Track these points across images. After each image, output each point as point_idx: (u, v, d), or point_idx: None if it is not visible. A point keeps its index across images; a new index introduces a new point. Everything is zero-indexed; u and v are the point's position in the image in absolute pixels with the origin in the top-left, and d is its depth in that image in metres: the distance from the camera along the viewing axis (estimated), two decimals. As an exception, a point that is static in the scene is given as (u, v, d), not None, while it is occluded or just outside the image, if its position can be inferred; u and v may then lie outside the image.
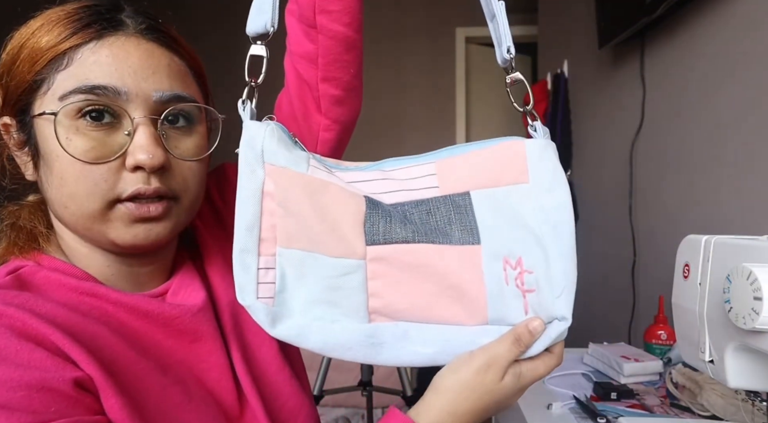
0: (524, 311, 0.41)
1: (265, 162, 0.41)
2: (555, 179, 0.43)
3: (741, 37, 1.06)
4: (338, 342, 0.40)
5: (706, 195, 1.19)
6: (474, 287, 0.41)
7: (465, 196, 0.43)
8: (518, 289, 0.41)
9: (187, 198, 0.47)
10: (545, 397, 0.89)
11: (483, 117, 3.56)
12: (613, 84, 1.73)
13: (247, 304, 0.39)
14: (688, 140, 1.27)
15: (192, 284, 0.50)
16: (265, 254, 0.40)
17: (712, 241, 0.47)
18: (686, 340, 0.51)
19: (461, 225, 0.42)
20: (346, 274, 0.40)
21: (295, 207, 0.41)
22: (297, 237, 0.40)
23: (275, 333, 0.40)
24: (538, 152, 0.44)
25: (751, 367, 0.44)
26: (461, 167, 0.44)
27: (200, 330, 0.47)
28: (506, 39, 0.48)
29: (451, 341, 0.41)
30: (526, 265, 0.41)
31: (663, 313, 1.08)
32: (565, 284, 0.41)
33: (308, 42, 0.51)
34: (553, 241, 0.41)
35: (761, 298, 0.37)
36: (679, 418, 0.80)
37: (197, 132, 0.48)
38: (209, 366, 0.47)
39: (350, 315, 0.40)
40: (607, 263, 1.80)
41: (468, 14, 3.36)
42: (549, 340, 0.42)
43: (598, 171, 1.88)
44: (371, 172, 0.46)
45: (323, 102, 0.54)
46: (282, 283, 0.40)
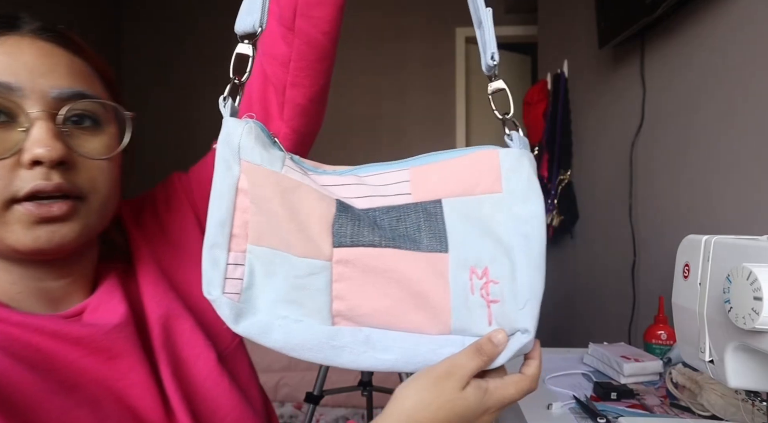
0: (488, 322, 0.41)
1: (241, 159, 0.41)
2: (529, 189, 0.43)
3: (741, 36, 1.06)
4: (299, 342, 0.40)
5: (706, 195, 1.19)
6: (439, 295, 0.41)
7: (436, 204, 0.43)
8: (483, 299, 0.41)
9: (96, 199, 0.44)
10: (545, 397, 0.89)
11: (483, 117, 3.56)
12: (613, 84, 1.73)
13: (213, 298, 0.40)
14: (688, 140, 1.27)
15: (112, 300, 0.47)
16: (235, 250, 0.40)
17: (712, 241, 0.47)
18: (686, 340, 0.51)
19: (430, 232, 0.42)
20: (312, 275, 0.41)
21: (266, 204, 0.41)
22: (267, 235, 0.41)
23: (238, 329, 0.40)
24: (512, 162, 0.44)
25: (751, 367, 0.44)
26: (435, 175, 0.44)
27: (116, 347, 0.45)
28: (491, 45, 0.48)
29: (413, 349, 0.41)
30: (492, 276, 0.41)
31: (663, 313, 1.08)
32: (529, 296, 0.41)
33: (283, 44, 0.51)
34: (522, 252, 0.41)
35: (761, 298, 0.37)
36: (679, 418, 0.80)
37: (106, 132, 0.46)
38: (130, 383, 0.45)
39: (314, 316, 0.40)
40: (607, 263, 1.80)
41: (468, 14, 3.33)
42: (511, 352, 0.41)
43: (598, 171, 1.88)
44: (346, 176, 0.46)
45: (287, 109, 0.53)
46: (250, 279, 0.40)
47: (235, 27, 0.44)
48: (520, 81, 3.73)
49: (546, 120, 2.30)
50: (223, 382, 0.50)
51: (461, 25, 3.37)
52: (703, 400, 0.77)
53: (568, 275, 2.25)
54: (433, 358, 0.40)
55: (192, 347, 0.50)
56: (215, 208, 0.40)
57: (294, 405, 2.21)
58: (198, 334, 0.50)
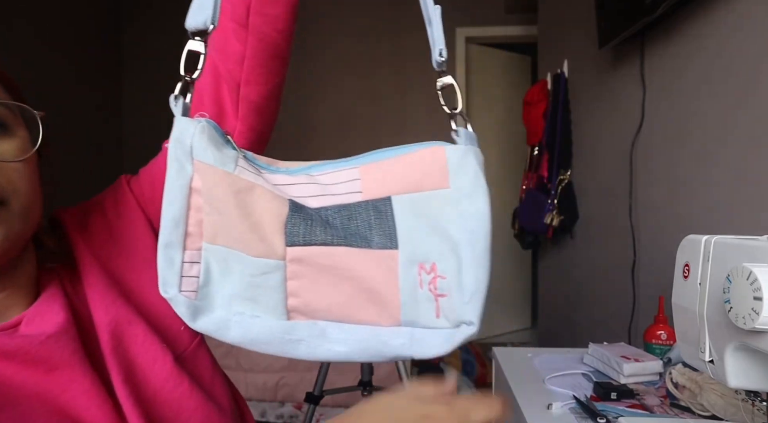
0: (436, 314, 0.42)
1: (194, 159, 0.42)
2: (476, 186, 0.43)
3: (741, 36, 1.06)
4: (257, 337, 0.41)
5: (706, 195, 1.19)
6: (389, 290, 0.42)
7: (386, 202, 0.44)
8: (431, 293, 0.42)
9: (18, 202, 0.43)
10: (545, 397, 0.89)
11: (483, 117, 3.56)
12: (613, 84, 1.73)
13: (170, 296, 0.40)
14: (688, 140, 1.27)
15: (50, 309, 0.45)
16: (190, 248, 0.41)
17: (712, 241, 0.47)
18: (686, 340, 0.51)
19: (380, 230, 0.43)
20: (266, 273, 0.41)
21: (220, 205, 0.41)
22: (222, 234, 0.41)
23: (196, 326, 0.41)
24: (458, 158, 0.44)
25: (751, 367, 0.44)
26: (384, 172, 0.45)
27: (54, 357, 0.43)
28: (439, 42, 0.48)
29: (366, 341, 0.42)
30: (439, 271, 0.42)
31: (663, 313, 1.08)
32: (474, 291, 0.42)
33: (236, 41, 0.51)
34: (468, 248, 0.43)
35: (761, 298, 0.37)
36: (679, 418, 0.80)
37: (16, 135, 0.45)
38: (73, 395, 0.43)
39: (269, 312, 0.42)
40: (607, 263, 1.80)
41: (468, 14, 3.36)
42: (456, 342, 0.42)
43: (598, 171, 1.88)
44: (298, 176, 0.46)
45: (242, 106, 0.53)
46: (206, 277, 0.41)
47: (185, 23, 0.44)
48: (520, 81, 3.73)
49: (546, 120, 2.30)
50: (182, 384, 0.49)
51: (461, 25, 3.37)
52: (703, 400, 0.77)
53: (568, 275, 2.25)
54: (384, 349, 0.42)
55: (146, 352, 0.49)
56: (169, 207, 0.41)
57: (294, 405, 2.21)
58: (152, 339, 0.49)
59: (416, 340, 0.42)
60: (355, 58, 3.43)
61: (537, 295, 2.83)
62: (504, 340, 3.61)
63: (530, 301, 3.85)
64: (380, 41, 3.40)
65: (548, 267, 2.56)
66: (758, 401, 0.72)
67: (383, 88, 3.43)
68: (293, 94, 3.43)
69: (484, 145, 3.72)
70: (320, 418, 2.18)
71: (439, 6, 0.48)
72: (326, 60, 3.43)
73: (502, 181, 3.61)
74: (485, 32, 3.38)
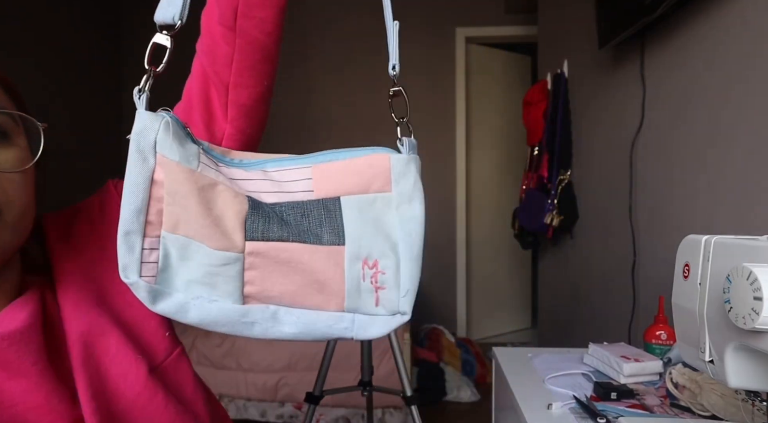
0: (375, 303, 0.48)
1: (157, 153, 0.44)
2: (414, 191, 0.49)
3: (741, 36, 1.06)
4: (214, 319, 0.45)
5: (706, 195, 1.19)
6: (336, 283, 0.47)
7: (336, 201, 0.49)
8: (372, 285, 0.48)
9: (11, 213, 0.43)
10: (545, 397, 0.89)
11: (483, 117, 3.56)
12: (613, 84, 1.73)
13: (130, 282, 0.42)
14: (688, 140, 1.27)
15: (19, 314, 0.44)
16: (150, 236, 0.43)
17: (712, 241, 0.47)
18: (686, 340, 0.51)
19: (330, 227, 0.48)
20: (225, 264, 0.45)
21: (183, 200, 0.44)
22: (182, 224, 0.44)
23: (156, 308, 0.43)
24: (401, 166, 0.49)
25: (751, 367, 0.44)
26: (334, 174, 0.49)
27: (14, 365, 0.42)
28: (393, 57, 0.52)
29: (312, 323, 0.47)
30: (381, 267, 0.48)
31: (663, 313, 1.08)
32: (409, 287, 0.48)
33: (224, 45, 0.51)
34: (405, 247, 0.48)
35: (761, 298, 0.37)
36: (679, 418, 0.80)
37: (15, 144, 0.44)
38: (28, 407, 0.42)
39: (227, 297, 0.45)
40: (607, 263, 1.80)
41: (468, 14, 3.36)
42: (391, 327, 0.48)
43: (598, 171, 1.88)
44: (253, 171, 0.49)
45: (231, 109, 0.53)
46: (165, 262, 0.44)
47: (154, 16, 0.45)
48: (520, 81, 3.73)
49: (546, 120, 2.30)
50: (156, 397, 0.48)
51: (461, 25, 3.37)
52: (703, 400, 0.77)
53: (568, 275, 2.24)
54: (329, 331, 0.47)
55: (119, 364, 0.47)
56: (130, 198, 0.43)
57: (294, 405, 2.21)
58: (126, 350, 0.48)
59: (357, 324, 0.48)
60: (354, 58, 3.43)
61: (537, 295, 2.83)
62: (504, 340, 3.61)
63: (530, 301, 3.85)
64: (381, 44, 3.40)
65: (548, 267, 2.56)
66: (758, 401, 0.72)
67: (383, 87, 3.43)
68: (289, 93, 3.43)
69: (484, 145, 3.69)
70: (320, 418, 2.18)
71: (397, 22, 0.52)
72: (323, 60, 3.43)
73: (502, 181, 3.61)
74: (485, 32, 3.38)
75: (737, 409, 0.73)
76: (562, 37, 2.27)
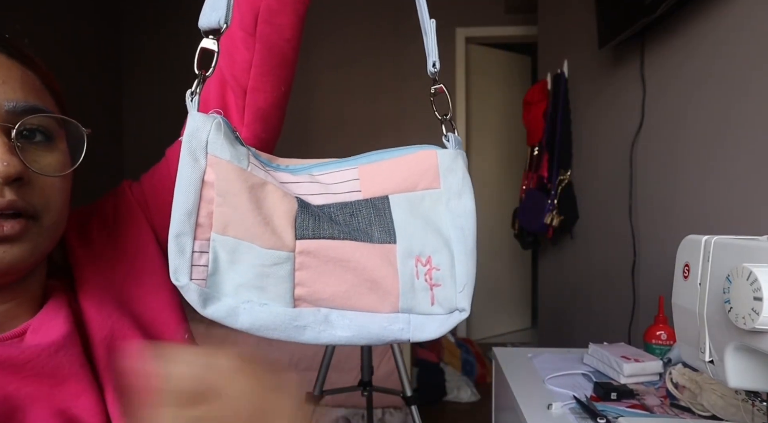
0: (431, 302, 0.47)
1: (209, 153, 0.43)
2: (463, 186, 0.48)
3: (741, 36, 1.06)
4: (265, 323, 0.44)
5: (706, 195, 1.19)
6: (389, 281, 0.46)
7: (384, 200, 0.48)
8: (427, 283, 0.47)
9: (49, 218, 0.43)
10: (545, 398, 0.89)
11: (483, 117, 3.56)
12: (613, 84, 1.73)
13: (181, 284, 0.42)
14: (689, 140, 1.27)
15: (55, 320, 0.45)
16: (200, 238, 0.43)
17: (712, 241, 0.47)
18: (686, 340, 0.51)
19: (380, 226, 0.47)
20: (276, 264, 0.44)
21: (233, 199, 0.43)
22: (232, 225, 0.43)
23: (206, 312, 0.42)
24: (448, 162, 0.49)
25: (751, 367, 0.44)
26: (381, 173, 0.49)
27: (62, 370, 0.42)
28: (433, 54, 0.53)
29: (366, 326, 0.46)
30: (434, 263, 0.47)
31: (663, 314, 1.08)
32: (466, 281, 0.47)
33: (244, 49, 0.51)
34: (459, 243, 0.47)
35: (761, 298, 0.37)
36: (679, 418, 0.80)
37: (58, 148, 0.44)
38: (80, 409, 0.42)
39: (277, 300, 0.44)
40: (607, 263, 1.80)
41: (468, 14, 3.36)
42: (450, 326, 0.46)
43: (598, 171, 1.88)
44: (301, 175, 0.49)
45: (248, 113, 0.53)
46: (215, 266, 0.43)
47: (198, 22, 0.44)
48: (520, 81, 3.73)
49: (546, 120, 2.30)
50: None
51: (461, 25, 3.37)
52: (703, 401, 0.77)
53: (568, 275, 2.24)
54: (384, 333, 0.46)
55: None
56: (181, 199, 0.42)
57: (294, 405, 2.21)
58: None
59: (413, 325, 0.46)
60: (355, 58, 3.43)
61: (537, 295, 2.83)
62: (504, 340, 3.61)
63: (530, 301, 3.85)
64: (381, 45, 3.40)
65: (548, 267, 2.56)
66: (758, 401, 0.72)
67: (382, 87, 3.43)
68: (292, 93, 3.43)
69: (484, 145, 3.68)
70: (320, 418, 2.18)
71: (434, 20, 0.51)
72: (325, 59, 3.43)
73: (502, 181, 3.61)
74: (485, 32, 3.38)
75: (737, 409, 0.73)
76: (562, 37, 2.27)
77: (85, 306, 0.48)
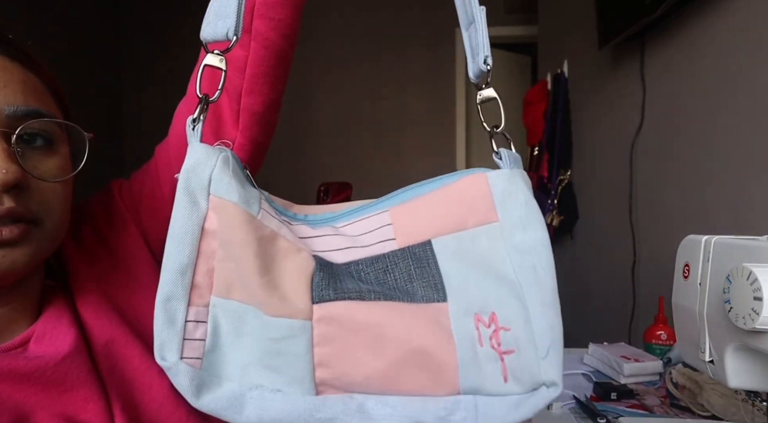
0: (503, 378, 0.34)
1: (211, 194, 0.35)
2: (528, 214, 0.37)
3: (741, 36, 1.06)
4: (277, 417, 0.33)
5: (706, 195, 1.19)
6: (442, 350, 0.34)
7: (426, 246, 0.38)
8: (494, 350, 0.35)
9: (50, 222, 0.42)
10: (545, 397, 0.89)
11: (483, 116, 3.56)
12: (613, 84, 1.73)
13: (168, 364, 0.33)
14: (688, 140, 1.27)
15: (59, 326, 0.44)
16: (196, 304, 0.34)
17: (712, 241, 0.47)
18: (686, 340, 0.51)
19: (423, 281, 0.36)
20: (288, 338, 0.34)
21: (237, 251, 0.35)
22: (237, 287, 0.34)
23: (201, 404, 0.33)
24: (504, 185, 0.38)
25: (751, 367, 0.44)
26: (420, 212, 0.39)
27: (71, 378, 0.41)
28: (485, 48, 0.42)
29: (416, 416, 0.34)
30: (501, 321, 0.35)
31: (663, 314, 1.08)
32: (551, 340, 0.35)
33: (238, 48, 0.46)
34: (532, 288, 0.36)
35: (761, 298, 0.37)
36: (679, 418, 0.80)
37: (59, 153, 0.43)
38: (89, 415, 0.41)
39: (294, 384, 0.34)
40: (607, 263, 1.80)
41: (468, 14, 3.36)
42: (536, 409, 0.34)
43: (598, 171, 1.88)
44: (322, 228, 0.40)
45: (244, 117, 0.49)
46: (214, 340, 0.34)
47: (201, 33, 0.37)
48: (520, 81, 3.73)
49: (546, 120, 2.30)
50: (179, 409, 0.46)
51: (461, 25, 3.37)
52: (703, 401, 0.77)
53: (568, 275, 2.24)
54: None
55: (142, 375, 0.46)
56: (174, 252, 0.34)
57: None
58: (149, 361, 0.47)
59: (481, 412, 0.34)
60: (356, 58, 3.43)
61: (537, 295, 2.83)
62: (504, 340, 3.60)
63: (530, 301, 3.85)
64: (381, 45, 3.40)
65: (548, 267, 2.56)
66: (758, 401, 0.72)
67: (384, 87, 3.43)
68: (292, 93, 3.43)
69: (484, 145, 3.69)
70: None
71: (484, 6, 0.42)
72: (326, 59, 3.43)
73: (502, 181, 3.61)
74: (485, 32, 3.38)
75: (737, 409, 0.73)
76: (562, 37, 2.27)
77: (84, 312, 0.47)
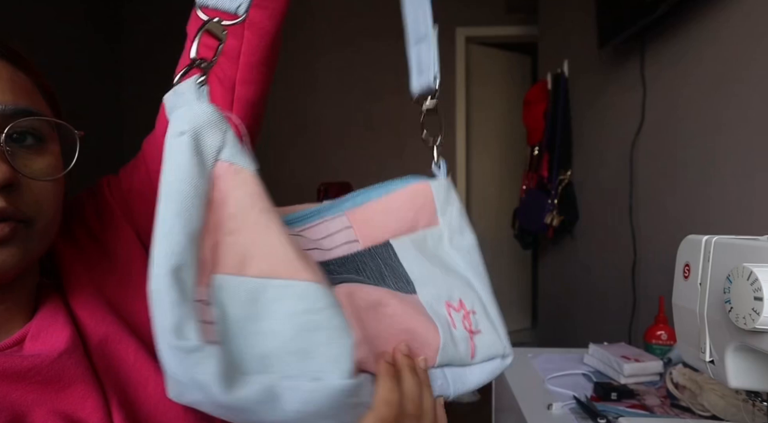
0: (471, 355, 0.40)
1: (222, 160, 0.31)
2: (462, 220, 0.44)
3: (741, 36, 1.06)
4: (318, 408, 0.29)
5: (706, 195, 1.19)
6: (428, 332, 0.38)
7: (387, 246, 0.41)
8: (466, 330, 0.40)
9: (41, 221, 0.41)
10: (545, 398, 0.89)
11: (483, 116, 3.56)
12: (613, 84, 1.73)
13: (190, 347, 0.27)
14: (688, 140, 1.27)
15: (54, 324, 0.43)
16: (202, 283, 0.29)
17: (712, 241, 0.47)
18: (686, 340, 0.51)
19: (394, 276, 0.40)
20: (328, 308, 0.30)
21: (263, 218, 0.31)
22: (256, 257, 0.30)
23: (234, 397, 0.27)
24: (443, 194, 0.44)
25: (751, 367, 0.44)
26: (375, 216, 0.42)
27: (66, 375, 0.41)
28: (435, 65, 0.45)
29: None
30: (468, 306, 0.41)
31: (663, 314, 1.08)
32: (500, 322, 0.42)
33: (232, 38, 0.46)
34: (478, 280, 0.43)
35: (761, 298, 0.37)
36: (679, 418, 0.80)
37: (49, 151, 0.43)
38: (87, 412, 0.41)
39: (333, 367, 0.30)
40: (607, 263, 1.80)
41: (468, 14, 3.36)
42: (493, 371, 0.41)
43: (598, 171, 1.88)
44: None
45: (238, 106, 0.50)
46: (223, 326, 0.29)
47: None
48: (520, 81, 3.73)
49: (546, 120, 2.30)
50: (176, 405, 0.45)
51: (461, 25, 3.37)
52: (703, 401, 0.77)
53: (568, 275, 2.24)
54: None
55: (138, 372, 0.46)
56: (184, 214, 0.29)
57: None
58: (144, 358, 0.46)
59: (451, 378, 0.40)
60: (356, 57, 3.43)
61: (537, 295, 2.83)
62: (504, 340, 3.60)
63: (530, 301, 3.85)
64: (381, 44, 3.40)
65: (548, 267, 2.56)
66: (759, 401, 0.72)
67: (384, 87, 3.43)
68: (293, 92, 3.43)
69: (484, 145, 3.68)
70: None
71: (437, 24, 0.45)
72: (326, 59, 3.43)
73: (502, 181, 3.61)
74: (485, 32, 3.38)
75: (737, 409, 0.73)
76: (562, 37, 2.27)
77: (77, 309, 0.46)
